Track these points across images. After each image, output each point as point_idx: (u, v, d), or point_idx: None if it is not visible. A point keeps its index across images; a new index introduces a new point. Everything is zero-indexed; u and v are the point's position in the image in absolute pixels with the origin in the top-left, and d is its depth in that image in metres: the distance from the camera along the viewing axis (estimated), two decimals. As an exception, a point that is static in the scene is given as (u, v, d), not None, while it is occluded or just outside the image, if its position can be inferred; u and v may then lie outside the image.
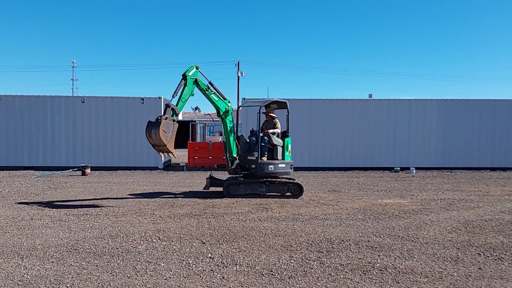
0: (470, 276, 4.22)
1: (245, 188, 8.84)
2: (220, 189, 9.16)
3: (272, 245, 5.24)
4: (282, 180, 8.85)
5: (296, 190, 8.87)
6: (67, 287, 3.88)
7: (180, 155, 22.20)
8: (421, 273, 4.28)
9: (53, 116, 14.87)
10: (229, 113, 8.97)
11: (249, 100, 11.93)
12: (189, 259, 4.69)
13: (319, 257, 4.78)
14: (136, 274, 4.22)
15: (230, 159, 9.08)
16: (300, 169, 14.42)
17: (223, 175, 10.39)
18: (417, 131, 15.40)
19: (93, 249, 5.04)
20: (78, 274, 4.21)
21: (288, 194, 8.85)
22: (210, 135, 33.16)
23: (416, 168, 14.86)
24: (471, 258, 4.79)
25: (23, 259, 4.68)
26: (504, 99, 15.57)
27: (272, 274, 4.25)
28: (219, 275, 4.21)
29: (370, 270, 4.36)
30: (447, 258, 4.77)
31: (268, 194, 8.88)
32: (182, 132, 37.32)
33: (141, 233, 5.78)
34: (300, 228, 6.11)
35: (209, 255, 4.83)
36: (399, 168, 15.02)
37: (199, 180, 11.92)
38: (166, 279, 4.09)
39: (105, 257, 4.74)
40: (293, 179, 9.10)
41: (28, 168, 14.79)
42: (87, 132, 14.95)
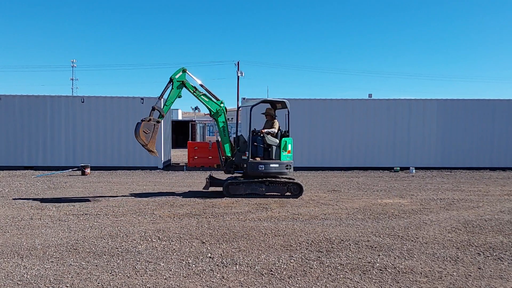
0: (470, 276, 4.22)
1: (245, 188, 8.84)
2: (220, 189, 9.16)
3: (272, 245, 5.24)
4: (282, 180, 8.86)
5: (296, 190, 8.87)
6: (67, 287, 3.88)
7: (180, 155, 22.21)
8: (421, 273, 4.28)
9: (53, 116, 14.87)
10: (222, 114, 9.03)
11: (249, 100, 11.95)
12: (189, 259, 4.69)
13: (319, 257, 4.78)
14: (136, 274, 4.22)
15: (224, 159, 9.18)
16: (300, 169, 14.42)
17: (223, 175, 10.39)
18: (417, 131, 15.41)
19: (93, 249, 5.04)
20: (78, 274, 4.21)
21: (288, 194, 8.85)
22: (210, 135, 33.16)
23: (416, 168, 14.87)
24: (471, 258, 4.80)
25: (23, 259, 4.68)
26: (504, 99, 15.58)
27: (272, 274, 4.25)
28: (219, 275, 4.21)
29: (370, 270, 4.36)
30: (447, 258, 4.78)
31: (268, 194, 8.89)
32: (182, 132, 37.37)
33: (141, 233, 5.78)
34: (300, 228, 6.11)
35: (209, 255, 4.84)
36: (399, 168, 15.02)
37: (199, 180, 11.93)
38: (166, 279, 4.09)
39: (105, 257, 4.74)
40: (293, 179, 9.11)
41: (28, 168, 14.78)
42: (87, 132, 14.94)
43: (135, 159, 15.04)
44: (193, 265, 4.49)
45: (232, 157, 9.19)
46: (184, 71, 8.81)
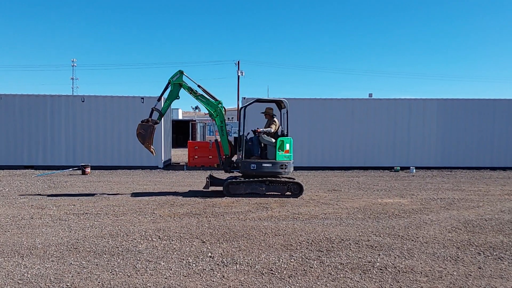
0: (470, 275, 4.22)
1: (245, 188, 8.85)
2: (220, 189, 9.17)
3: (272, 244, 5.25)
4: (282, 180, 8.86)
5: (296, 190, 8.87)
6: (67, 286, 3.89)
7: (180, 155, 22.22)
8: (421, 272, 4.28)
9: (53, 116, 14.88)
10: (220, 113, 9.13)
11: (249, 100, 11.93)
12: (189, 258, 4.69)
13: (319, 256, 4.78)
14: (136, 273, 4.22)
15: (224, 158, 9.27)
16: (300, 169, 14.43)
17: (223, 175, 10.39)
18: (417, 131, 15.41)
19: (93, 248, 5.04)
20: (78, 273, 4.21)
21: (288, 194, 8.85)
22: (210, 135, 33.16)
23: (416, 168, 14.87)
24: (471, 258, 4.80)
25: (23, 258, 4.68)
26: (504, 99, 15.58)
27: (272, 273, 4.25)
28: (219, 274, 4.21)
29: (370, 269, 4.36)
30: (447, 258, 4.78)
31: (268, 194, 8.90)
32: (182, 132, 37.38)
33: (141, 232, 5.78)
34: (300, 227, 6.11)
35: (209, 254, 4.84)
36: (399, 168, 15.03)
37: (199, 180, 11.93)
38: (166, 278, 4.09)
39: (105, 256, 4.75)
40: (293, 179, 9.12)
41: (28, 167, 14.79)
42: (87, 131, 14.95)
43: (136, 159, 15.05)
44: (194, 265, 4.49)
45: (231, 157, 9.27)
46: (182, 73, 9.15)
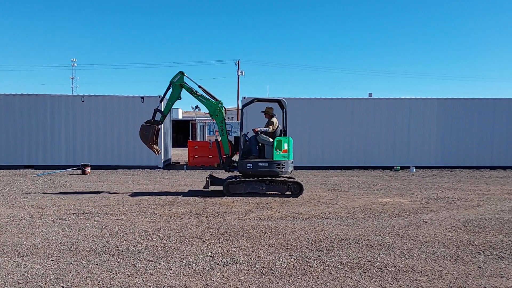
0: (470, 275, 4.22)
1: (245, 187, 8.86)
2: (220, 188, 9.17)
3: (272, 244, 5.25)
4: (282, 179, 8.86)
5: (296, 189, 8.87)
6: (67, 286, 3.89)
7: (180, 154, 22.21)
8: (421, 272, 4.28)
9: (53, 115, 14.87)
10: (220, 113, 9.19)
11: (249, 99, 11.91)
12: (189, 258, 4.70)
13: (319, 256, 4.78)
14: (136, 273, 4.22)
15: (224, 158, 9.32)
16: (300, 168, 14.42)
17: (223, 174, 10.39)
18: (417, 130, 15.40)
19: (93, 248, 5.04)
20: (78, 273, 4.21)
21: (288, 193, 8.86)
22: (210, 134, 33.14)
23: (416, 167, 14.87)
24: (471, 257, 4.80)
25: (23, 258, 4.68)
26: (504, 98, 15.55)
27: (272, 273, 4.25)
28: (219, 274, 4.21)
29: (370, 269, 4.37)
30: (447, 257, 4.78)
31: (268, 193, 8.90)
32: (182, 131, 37.37)
33: (141, 232, 5.78)
34: (300, 227, 6.11)
35: (209, 254, 4.84)
36: (399, 167, 15.02)
37: (199, 179, 11.93)
38: (166, 278, 4.09)
39: (105, 256, 4.75)
40: (293, 178, 9.12)
41: (28, 167, 14.79)
42: (87, 131, 14.95)
43: (136, 158, 15.05)
44: (194, 264, 4.50)
45: (231, 156, 9.30)
46: (182, 74, 9.24)
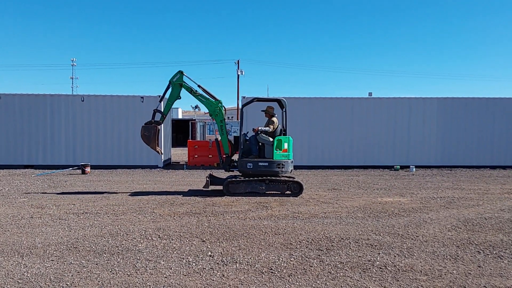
0: (470, 274, 4.22)
1: (245, 187, 8.86)
2: (220, 188, 9.17)
3: (272, 243, 5.25)
4: (282, 179, 8.86)
5: (296, 189, 8.87)
6: (67, 285, 3.89)
7: (180, 154, 22.22)
8: (421, 271, 4.28)
9: (53, 115, 14.88)
10: (219, 113, 9.18)
11: (249, 99, 11.92)
12: (189, 257, 4.69)
13: (319, 255, 4.78)
14: (136, 272, 4.22)
15: (224, 157, 9.32)
16: (300, 168, 14.43)
17: (223, 174, 10.40)
18: (417, 130, 15.41)
19: (93, 248, 5.04)
20: (78, 272, 4.21)
21: (288, 193, 8.86)
22: (210, 134, 33.14)
23: (416, 167, 14.87)
24: (471, 256, 4.80)
25: (23, 258, 4.68)
26: (504, 97, 15.56)
27: (272, 272, 4.25)
28: (219, 273, 4.21)
29: (370, 268, 4.37)
30: (447, 256, 4.78)
31: (268, 193, 8.90)
32: (182, 131, 37.37)
33: (141, 232, 5.78)
34: (300, 226, 6.11)
35: (209, 253, 4.84)
36: (399, 167, 15.03)
37: (199, 179, 11.93)
38: (166, 277, 4.09)
39: (105, 255, 4.75)
40: (293, 178, 9.12)
41: (28, 167, 14.80)
42: (87, 131, 14.96)
43: (135, 158, 15.06)
44: (193, 264, 4.49)
45: (231, 156, 9.30)
46: (182, 74, 9.22)
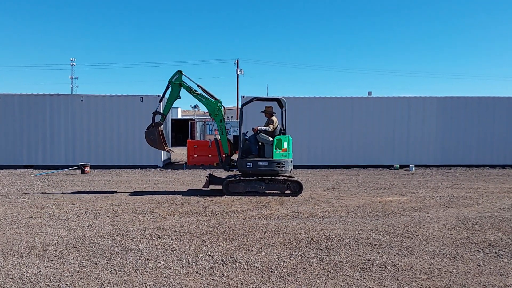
0: (469, 273, 4.22)
1: (245, 186, 8.85)
2: (220, 187, 9.17)
3: (272, 243, 5.25)
4: (281, 178, 8.86)
5: (296, 188, 8.87)
6: (67, 285, 3.89)
7: (180, 153, 22.20)
8: (421, 270, 4.29)
9: (52, 115, 14.87)
10: (219, 112, 9.18)
11: (248, 98, 11.93)
12: (189, 257, 4.70)
13: (319, 255, 4.78)
14: (136, 272, 4.22)
15: (224, 157, 9.32)
16: (300, 167, 14.43)
17: (223, 173, 10.40)
18: (417, 129, 15.41)
19: (93, 247, 5.04)
20: (78, 272, 4.21)
21: (288, 192, 8.86)
22: (210, 133, 33.13)
23: (416, 166, 14.88)
24: (470, 255, 4.80)
25: (23, 257, 4.68)
26: (503, 96, 15.57)
27: (272, 272, 4.25)
28: (219, 273, 4.21)
29: (370, 267, 4.37)
30: (446, 255, 4.78)
31: (268, 192, 8.90)
32: (182, 131, 37.36)
33: (141, 231, 5.78)
34: (300, 226, 6.11)
35: (209, 253, 4.84)
36: (399, 166, 15.04)
37: (199, 178, 11.93)
38: (166, 277, 4.09)
39: (105, 255, 4.75)
40: (293, 177, 9.12)
41: (28, 167, 14.79)
42: (87, 131, 14.95)
43: (135, 158, 15.05)
44: (193, 263, 4.49)
45: (231, 155, 9.30)
46: (181, 73, 9.22)
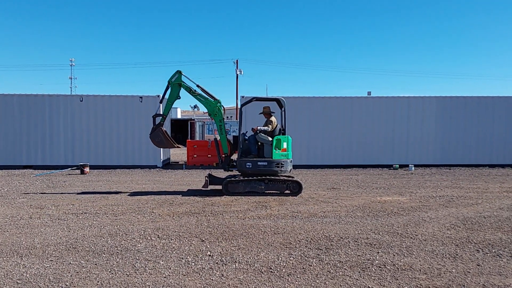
0: (469, 273, 4.23)
1: (244, 186, 8.85)
2: (219, 187, 9.17)
3: (271, 243, 5.25)
4: (281, 178, 8.87)
5: (295, 188, 8.87)
6: (66, 286, 3.88)
7: (179, 154, 22.20)
8: (420, 270, 4.29)
9: (52, 115, 14.85)
10: (218, 113, 9.18)
11: (248, 98, 11.92)
12: (188, 257, 4.69)
13: (318, 254, 4.78)
14: (135, 272, 4.22)
15: (223, 157, 9.32)
16: (299, 167, 14.43)
17: (222, 173, 10.40)
18: (416, 128, 15.42)
19: (92, 248, 5.04)
20: (77, 273, 4.21)
21: (287, 192, 8.86)
22: (209, 134, 33.12)
23: (415, 165, 14.89)
24: (470, 255, 4.81)
25: (22, 258, 4.68)
26: (503, 96, 15.57)
27: (271, 272, 4.25)
28: (218, 273, 4.21)
29: (369, 267, 4.37)
30: (446, 255, 4.78)
31: (267, 192, 8.90)
32: (181, 131, 37.34)
33: (140, 232, 5.78)
34: (299, 226, 6.11)
35: (208, 253, 4.84)
36: (398, 166, 15.04)
37: (198, 178, 11.93)
38: (165, 277, 4.09)
39: (104, 256, 4.74)
40: (292, 177, 9.12)
41: (27, 167, 14.78)
42: (86, 131, 14.94)
43: (134, 158, 15.04)
44: (193, 263, 4.49)
45: (230, 155, 9.30)
46: (180, 73, 9.21)
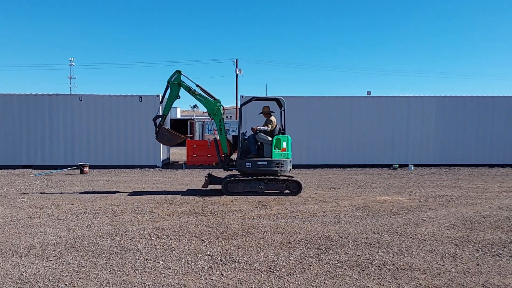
0: (468, 272, 4.23)
1: (244, 186, 8.85)
2: (219, 187, 9.17)
3: (271, 243, 5.25)
4: (281, 178, 8.87)
5: (295, 188, 8.87)
6: (66, 285, 3.88)
7: (179, 153, 22.20)
8: (420, 269, 4.29)
9: (51, 115, 14.85)
10: (218, 112, 9.18)
11: (247, 98, 11.91)
12: (188, 257, 4.69)
13: (318, 254, 4.78)
14: (135, 272, 4.22)
15: (223, 157, 9.31)
16: (299, 167, 14.43)
17: (222, 173, 10.40)
18: (416, 128, 15.42)
19: (92, 247, 5.03)
20: (77, 272, 4.21)
21: (287, 192, 8.86)
22: (209, 133, 33.12)
23: (415, 165, 14.89)
24: (469, 254, 4.81)
25: (22, 258, 4.67)
26: (503, 96, 15.59)
27: (271, 271, 4.25)
28: (218, 273, 4.21)
29: (369, 267, 4.37)
30: (445, 255, 4.79)
31: (267, 192, 8.90)
32: (181, 130, 37.34)
33: (140, 231, 5.78)
34: (299, 226, 6.11)
35: (208, 253, 4.84)
36: (398, 165, 15.04)
37: (198, 178, 11.93)
38: (165, 277, 4.09)
39: (104, 255, 4.74)
40: (292, 177, 9.12)
41: (27, 167, 14.77)
42: (85, 131, 14.93)
43: (134, 158, 15.04)
44: (192, 263, 4.49)
45: (230, 155, 9.30)
46: (179, 73, 9.21)
